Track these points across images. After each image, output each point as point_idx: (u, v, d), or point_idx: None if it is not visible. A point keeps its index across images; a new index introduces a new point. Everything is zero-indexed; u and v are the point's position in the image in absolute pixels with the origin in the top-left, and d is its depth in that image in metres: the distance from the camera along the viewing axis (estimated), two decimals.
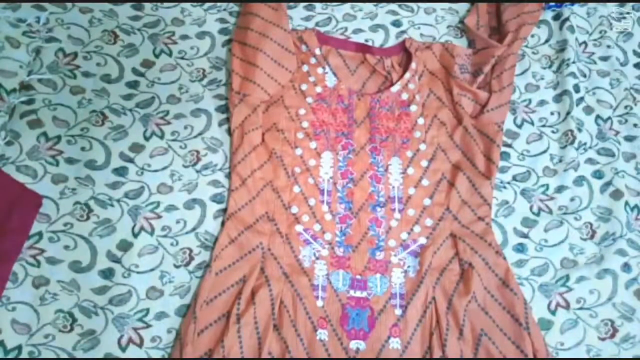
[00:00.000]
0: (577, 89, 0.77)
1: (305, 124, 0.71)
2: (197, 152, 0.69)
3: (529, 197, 0.71)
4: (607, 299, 0.65)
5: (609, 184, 0.72)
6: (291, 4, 0.82)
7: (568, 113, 0.75)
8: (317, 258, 0.63)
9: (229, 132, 0.70)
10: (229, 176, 0.68)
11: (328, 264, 0.63)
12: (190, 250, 0.63)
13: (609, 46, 0.83)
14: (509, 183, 0.71)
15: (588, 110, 0.78)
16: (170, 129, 0.70)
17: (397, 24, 0.82)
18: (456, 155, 0.71)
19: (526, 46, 0.81)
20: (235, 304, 0.58)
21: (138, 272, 0.61)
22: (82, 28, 0.74)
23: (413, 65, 0.76)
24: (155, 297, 0.61)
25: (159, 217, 0.64)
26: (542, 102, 0.77)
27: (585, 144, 0.75)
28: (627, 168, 0.74)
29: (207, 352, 0.57)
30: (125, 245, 0.62)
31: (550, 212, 0.70)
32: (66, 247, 0.61)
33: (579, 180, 0.72)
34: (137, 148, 0.68)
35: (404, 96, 0.74)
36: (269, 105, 0.71)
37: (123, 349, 0.58)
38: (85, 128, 0.68)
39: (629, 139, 0.76)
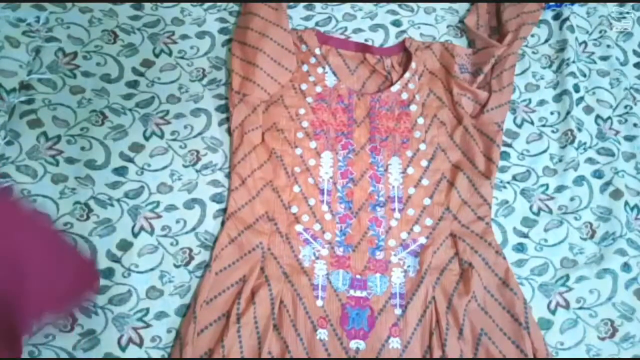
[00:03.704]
0: (577, 88, 0.77)
1: (305, 124, 0.71)
2: (197, 151, 0.69)
3: (529, 197, 0.71)
4: (607, 298, 0.65)
5: (608, 183, 0.72)
6: (291, 3, 0.82)
7: (568, 113, 0.75)
8: (317, 258, 0.63)
9: (229, 131, 0.70)
10: (228, 176, 0.68)
11: (328, 263, 0.63)
12: (190, 250, 0.63)
13: (608, 46, 0.83)
14: (508, 183, 0.71)
15: (588, 110, 0.78)
16: (170, 129, 0.70)
17: (397, 23, 0.82)
18: (456, 155, 0.71)
19: (526, 46, 0.81)
20: (235, 303, 0.58)
21: (138, 272, 0.61)
22: (82, 28, 0.74)
23: (413, 65, 0.76)
24: (155, 297, 0.61)
25: (159, 216, 0.64)
26: (542, 102, 0.77)
27: (585, 143, 0.75)
28: (627, 168, 0.74)
29: (207, 352, 0.57)
30: (125, 245, 0.62)
31: (550, 211, 0.70)
32: None
33: (579, 180, 0.72)
34: (137, 148, 0.68)
35: (404, 96, 0.74)
36: (269, 105, 0.71)
37: (123, 349, 0.58)
38: (85, 128, 0.68)
39: (629, 138, 0.76)
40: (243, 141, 0.67)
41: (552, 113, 0.77)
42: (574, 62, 0.79)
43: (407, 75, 0.75)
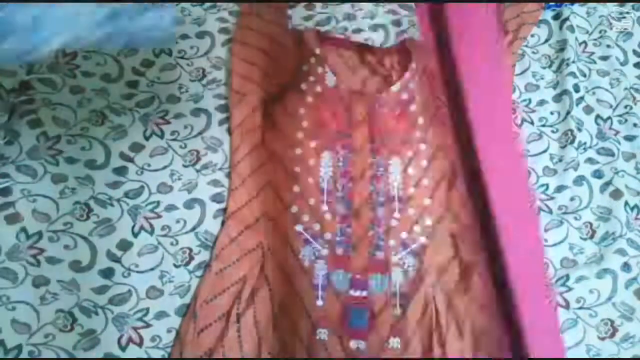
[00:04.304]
0: (577, 88, 0.77)
1: (304, 124, 0.70)
2: (197, 151, 0.69)
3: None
4: (607, 298, 0.65)
5: (608, 183, 0.72)
6: (291, 3, 0.82)
7: (568, 113, 0.75)
8: (317, 257, 0.63)
9: (229, 131, 0.70)
10: (229, 176, 0.68)
11: (328, 263, 0.63)
12: (190, 250, 0.63)
13: (608, 46, 0.83)
14: None
15: (588, 110, 0.78)
16: (170, 129, 0.70)
17: (397, 23, 0.82)
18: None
19: (526, 46, 0.81)
20: (235, 303, 0.59)
21: (138, 272, 0.61)
22: None
23: (413, 65, 0.76)
24: (155, 297, 0.61)
25: (159, 216, 0.64)
26: (542, 102, 0.77)
27: (585, 143, 0.75)
28: (627, 168, 0.74)
29: (207, 352, 0.57)
30: (125, 245, 0.62)
31: (550, 211, 0.70)
32: (66, 247, 0.61)
33: (579, 180, 0.72)
34: (137, 148, 0.68)
35: (404, 96, 0.74)
36: (269, 104, 0.71)
37: (123, 349, 0.58)
38: (85, 127, 0.68)
39: (629, 138, 0.76)
40: (243, 141, 0.67)
41: (552, 113, 0.77)
42: (574, 62, 0.79)
43: (407, 75, 0.75)
